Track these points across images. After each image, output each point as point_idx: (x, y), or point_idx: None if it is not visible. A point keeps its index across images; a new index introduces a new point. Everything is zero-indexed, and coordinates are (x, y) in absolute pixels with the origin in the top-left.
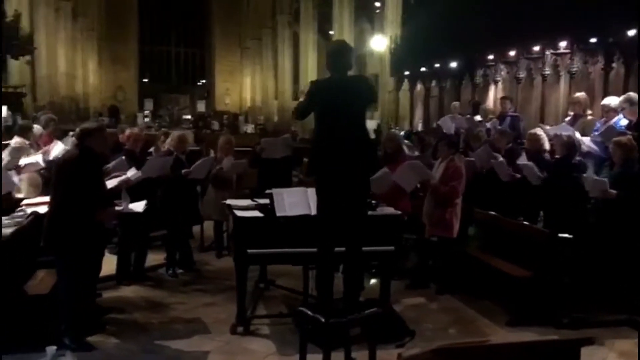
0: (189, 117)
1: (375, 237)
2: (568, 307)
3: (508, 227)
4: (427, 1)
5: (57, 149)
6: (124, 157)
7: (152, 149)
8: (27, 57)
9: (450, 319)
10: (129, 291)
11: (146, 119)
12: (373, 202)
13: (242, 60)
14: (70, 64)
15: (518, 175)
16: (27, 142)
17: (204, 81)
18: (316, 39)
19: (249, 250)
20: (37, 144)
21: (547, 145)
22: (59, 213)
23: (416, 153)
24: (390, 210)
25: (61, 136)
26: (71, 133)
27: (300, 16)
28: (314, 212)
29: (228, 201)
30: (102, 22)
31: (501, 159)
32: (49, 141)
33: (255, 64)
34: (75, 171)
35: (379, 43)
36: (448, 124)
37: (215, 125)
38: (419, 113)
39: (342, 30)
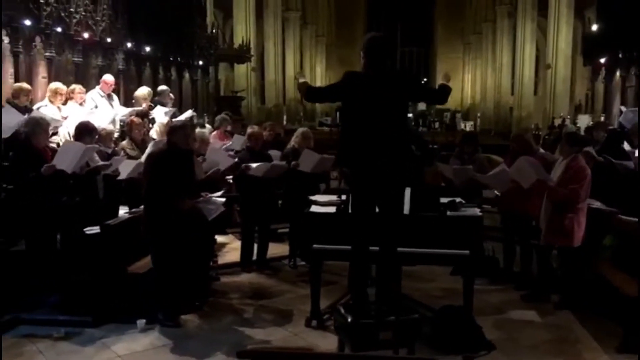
0: (410, 115)
1: (449, 240)
2: None
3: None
4: None
5: (237, 142)
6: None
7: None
8: (252, 64)
9: (551, 337)
10: (245, 278)
11: None
12: (457, 200)
13: (464, 56)
14: (298, 69)
15: None
16: None
17: (425, 79)
18: (534, 27)
19: (314, 246)
20: None
21: None
22: (147, 200)
23: None
24: (472, 211)
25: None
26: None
27: (518, 6)
28: None
29: (314, 197)
30: (332, 28)
31: None
32: (223, 138)
33: (477, 59)
34: (158, 163)
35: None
36: (629, 118)
37: (436, 124)
38: (617, 105)
39: (560, 18)
